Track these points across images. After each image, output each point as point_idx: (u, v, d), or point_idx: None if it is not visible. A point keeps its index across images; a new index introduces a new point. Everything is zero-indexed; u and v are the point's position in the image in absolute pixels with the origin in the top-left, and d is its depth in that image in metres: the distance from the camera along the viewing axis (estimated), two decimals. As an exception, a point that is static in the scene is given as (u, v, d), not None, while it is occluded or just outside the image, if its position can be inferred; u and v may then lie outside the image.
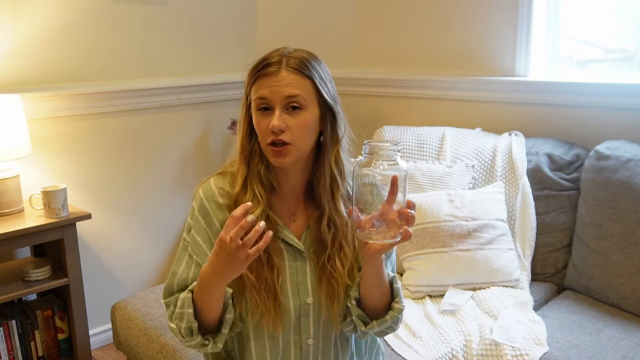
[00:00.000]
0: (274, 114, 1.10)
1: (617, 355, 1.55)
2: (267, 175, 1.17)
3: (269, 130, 1.11)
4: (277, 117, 1.10)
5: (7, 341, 2.16)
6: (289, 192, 1.21)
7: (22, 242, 2.10)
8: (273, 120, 1.10)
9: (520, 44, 2.30)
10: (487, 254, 1.90)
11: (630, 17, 2.19)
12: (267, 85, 1.11)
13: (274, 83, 1.11)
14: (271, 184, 1.18)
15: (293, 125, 1.11)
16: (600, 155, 1.92)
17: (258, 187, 1.16)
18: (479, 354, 1.63)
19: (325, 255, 1.18)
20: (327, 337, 1.23)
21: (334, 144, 1.18)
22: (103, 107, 2.49)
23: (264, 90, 1.11)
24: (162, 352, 1.70)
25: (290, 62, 1.12)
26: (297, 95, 1.11)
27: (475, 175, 2.15)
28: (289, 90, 1.10)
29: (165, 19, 2.68)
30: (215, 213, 1.18)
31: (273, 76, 1.11)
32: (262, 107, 1.12)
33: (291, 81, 1.11)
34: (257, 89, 1.13)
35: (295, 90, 1.11)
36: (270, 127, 1.10)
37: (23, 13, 2.25)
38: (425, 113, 2.62)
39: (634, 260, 1.77)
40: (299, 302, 1.18)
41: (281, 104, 1.11)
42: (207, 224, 1.19)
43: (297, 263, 1.20)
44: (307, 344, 1.21)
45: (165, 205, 2.79)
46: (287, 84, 1.10)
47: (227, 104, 2.95)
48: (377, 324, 1.16)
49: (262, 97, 1.12)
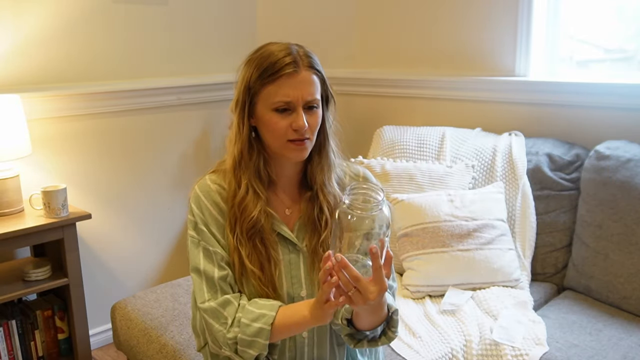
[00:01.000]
0: (297, 114, 1.14)
1: (617, 355, 1.55)
2: (266, 168, 1.21)
3: (290, 129, 1.14)
4: (302, 117, 1.13)
5: (7, 341, 2.16)
6: (286, 183, 1.25)
7: (22, 242, 2.10)
8: (298, 121, 1.13)
9: (520, 44, 2.30)
10: (487, 254, 1.90)
11: (630, 17, 2.19)
12: (290, 87, 1.13)
13: (297, 84, 1.13)
14: (269, 177, 1.22)
15: (311, 123, 1.16)
16: (600, 155, 1.92)
17: (257, 184, 1.19)
18: (479, 354, 1.63)
19: (320, 240, 1.20)
20: (322, 330, 1.24)
21: (329, 127, 1.23)
22: (103, 107, 2.49)
23: (288, 91, 1.13)
24: (162, 352, 1.70)
25: (304, 60, 1.15)
26: (316, 99, 1.16)
27: (475, 175, 2.15)
28: (312, 94, 1.15)
29: (165, 19, 2.68)
30: (214, 206, 1.20)
31: (294, 77, 1.13)
32: (282, 109, 1.14)
33: (311, 81, 1.15)
34: (276, 90, 1.14)
35: (317, 94, 1.16)
36: (296, 127, 1.13)
37: (23, 13, 2.25)
38: (425, 113, 2.62)
39: (634, 260, 1.77)
40: (293, 294, 1.21)
41: (302, 104, 1.14)
42: (215, 213, 1.20)
43: (291, 256, 1.22)
44: (302, 337, 1.23)
45: (166, 205, 2.79)
46: (309, 84, 1.14)
47: (227, 104, 2.88)
48: (368, 345, 1.17)
49: (286, 100, 1.13)
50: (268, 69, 1.14)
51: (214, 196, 1.21)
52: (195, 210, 1.21)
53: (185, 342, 1.69)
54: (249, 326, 1.13)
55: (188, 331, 1.73)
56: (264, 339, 1.11)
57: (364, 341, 1.17)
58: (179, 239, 2.87)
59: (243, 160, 1.19)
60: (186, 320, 1.79)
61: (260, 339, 1.12)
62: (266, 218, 1.19)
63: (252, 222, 1.17)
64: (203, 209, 1.20)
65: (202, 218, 1.20)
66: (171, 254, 2.85)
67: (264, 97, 1.15)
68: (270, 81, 1.14)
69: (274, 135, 1.16)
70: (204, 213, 1.20)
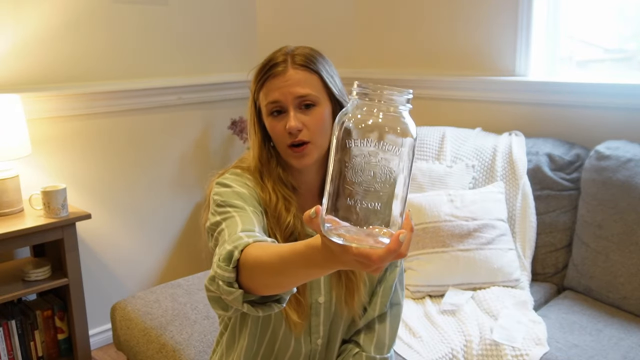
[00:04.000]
0: (289, 115, 1.08)
1: (618, 356, 1.55)
2: (286, 177, 1.15)
3: (285, 133, 1.08)
4: (293, 118, 1.08)
5: (7, 341, 2.16)
6: (306, 191, 1.19)
7: (22, 242, 2.10)
8: (289, 121, 1.08)
9: (520, 44, 2.30)
10: (487, 254, 1.90)
11: (630, 17, 2.19)
12: (277, 88, 1.09)
13: (283, 84, 1.09)
14: (291, 185, 1.16)
15: (309, 123, 1.09)
16: (600, 155, 1.92)
17: (284, 190, 1.13)
18: (479, 354, 1.63)
19: None
20: (334, 338, 1.23)
21: None
22: (103, 107, 2.49)
23: (274, 94, 1.09)
24: (162, 352, 1.70)
25: (295, 59, 1.10)
26: (308, 93, 1.09)
27: (476, 175, 2.15)
28: (299, 90, 1.08)
29: (165, 19, 2.68)
30: (249, 189, 1.12)
31: (281, 77, 1.09)
32: (274, 111, 1.10)
33: (300, 79, 1.09)
34: (266, 93, 1.10)
35: (306, 89, 1.09)
36: (287, 128, 1.08)
37: (23, 13, 2.25)
38: (425, 113, 2.62)
39: (634, 260, 1.77)
40: (311, 300, 1.18)
41: (294, 104, 1.09)
42: (251, 194, 1.11)
43: None
44: (317, 344, 1.21)
45: (166, 205, 2.79)
46: (297, 83, 1.09)
47: (227, 104, 2.95)
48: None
49: (273, 101, 1.09)
50: (260, 72, 1.12)
51: (247, 182, 1.13)
52: (223, 189, 1.09)
53: (185, 342, 1.69)
54: (222, 247, 0.93)
55: (188, 331, 1.73)
56: (231, 264, 0.88)
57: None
58: (179, 239, 2.87)
59: (265, 169, 1.15)
60: (186, 320, 1.78)
61: (228, 264, 0.88)
62: (301, 224, 1.13)
63: (290, 228, 1.12)
64: (235, 186, 1.09)
65: (235, 192, 1.08)
66: (171, 254, 2.85)
67: (261, 102, 1.13)
68: (262, 84, 1.11)
69: (276, 141, 1.12)
70: (236, 189, 1.09)
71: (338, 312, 1.20)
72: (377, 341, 1.22)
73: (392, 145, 0.66)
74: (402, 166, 0.67)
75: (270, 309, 0.90)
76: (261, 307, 0.89)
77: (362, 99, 0.68)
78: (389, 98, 0.67)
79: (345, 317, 1.22)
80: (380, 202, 0.67)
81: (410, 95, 0.68)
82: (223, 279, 0.87)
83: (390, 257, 0.67)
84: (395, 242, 0.67)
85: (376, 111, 0.67)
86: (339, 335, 1.23)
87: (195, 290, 1.97)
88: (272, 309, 0.90)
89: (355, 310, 1.19)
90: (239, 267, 0.88)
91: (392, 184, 0.67)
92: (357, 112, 0.68)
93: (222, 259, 0.89)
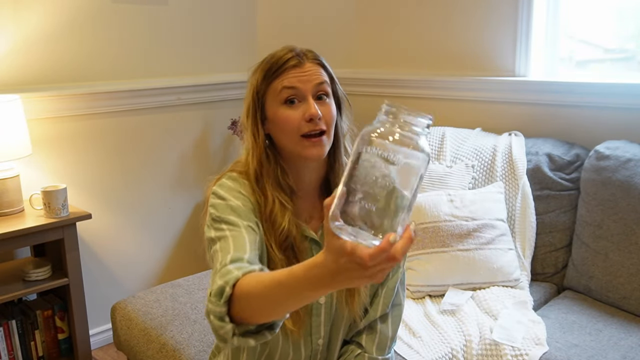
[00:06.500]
0: (308, 102, 1.09)
1: (617, 355, 1.55)
2: (285, 178, 1.14)
3: (302, 121, 1.08)
4: (314, 105, 1.08)
5: (7, 341, 2.16)
6: (305, 193, 1.18)
7: (22, 242, 2.10)
8: (310, 108, 1.08)
9: (520, 44, 2.30)
10: (487, 254, 1.90)
11: (630, 17, 2.19)
12: (295, 76, 1.10)
13: (301, 73, 1.10)
14: (289, 187, 1.14)
15: (325, 113, 1.10)
16: (600, 155, 1.92)
17: (280, 194, 1.12)
18: (479, 354, 1.63)
19: None
20: (335, 339, 1.23)
21: (342, 134, 1.17)
22: (103, 107, 2.50)
23: (292, 80, 1.09)
24: (162, 352, 1.70)
25: (309, 55, 1.13)
26: (325, 82, 1.11)
27: (475, 175, 2.15)
28: (319, 78, 1.10)
29: (165, 19, 2.68)
30: (245, 200, 1.12)
31: (298, 68, 1.10)
32: (289, 100, 1.10)
33: (317, 71, 1.11)
34: (281, 81, 1.10)
35: (324, 78, 1.11)
36: (308, 115, 1.07)
37: (23, 13, 2.25)
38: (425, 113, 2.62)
39: (634, 260, 1.77)
40: (311, 304, 1.18)
41: (312, 92, 1.10)
42: (247, 206, 1.10)
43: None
44: (318, 344, 1.21)
45: (166, 205, 2.79)
46: (315, 73, 1.11)
47: (227, 104, 2.95)
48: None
49: (290, 86, 1.09)
50: (272, 67, 1.12)
51: (241, 189, 1.12)
52: (225, 197, 1.10)
53: (185, 341, 1.69)
54: (214, 281, 0.93)
55: (188, 331, 1.73)
56: (222, 299, 0.88)
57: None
58: (178, 239, 2.87)
59: (264, 170, 1.13)
60: (186, 320, 1.79)
61: (220, 298, 0.89)
62: (296, 228, 1.13)
63: (284, 233, 1.11)
64: (230, 199, 1.10)
65: (230, 206, 1.08)
66: (171, 254, 2.85)
67: (271, 94, 1.12)
68: (275, 77, 1.11)
69: (287, 131, 1.10)
70: (231, 202, 1.09)
71: (339, 313, 1.20)
72: (379, 342, 1.22)
73: (404, 157, 0.72)
74: (409, 179, 0.73)
75: (263, 337, 0.90)
76: (254, 337, 0.90)
77: (387, 116, 0.75)
78: (410, 120, 0.74)
79: (346, 318, 1.22)
80: (377, 206, 0.72)
81: (430, 121, 0.75)
82: (215, 313, 0.89)
83: (381, 257, 0.70)
84: (386, 242, 0.70)
85: (397, 128, 0.74)
86: (340, 336, 1.23)
87: (195, 290, 1.98)
88: (264, 337, 0.90)
89: (356, 310, 1.19)
90: (232, 300, 0.89)
91: (392, 192, 0.72)
92: (379, 126, 0.74)
93: (213, 294, 0.90)
